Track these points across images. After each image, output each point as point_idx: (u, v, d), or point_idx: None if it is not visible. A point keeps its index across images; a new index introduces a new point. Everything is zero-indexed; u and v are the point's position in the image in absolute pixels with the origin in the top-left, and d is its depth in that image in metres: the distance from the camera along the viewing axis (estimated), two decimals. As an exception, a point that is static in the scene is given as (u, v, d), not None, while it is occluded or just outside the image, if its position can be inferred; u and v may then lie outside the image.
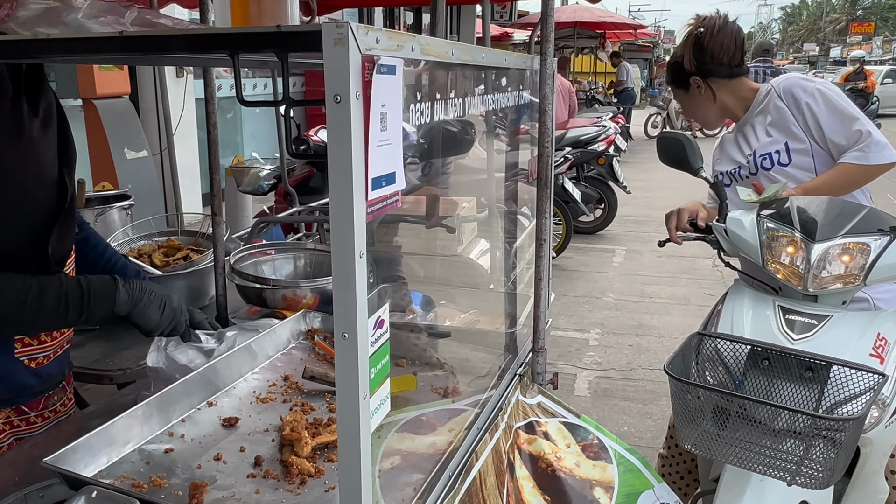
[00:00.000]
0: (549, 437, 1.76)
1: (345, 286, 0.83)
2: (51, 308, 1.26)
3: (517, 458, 1.65)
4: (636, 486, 1.79)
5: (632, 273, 6.18)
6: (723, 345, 2.08)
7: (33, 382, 1.42)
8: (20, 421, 1.42)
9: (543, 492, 1.63)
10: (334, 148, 0.79)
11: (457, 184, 3.06)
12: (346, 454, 0.88)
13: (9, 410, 1.39)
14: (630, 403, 3.78)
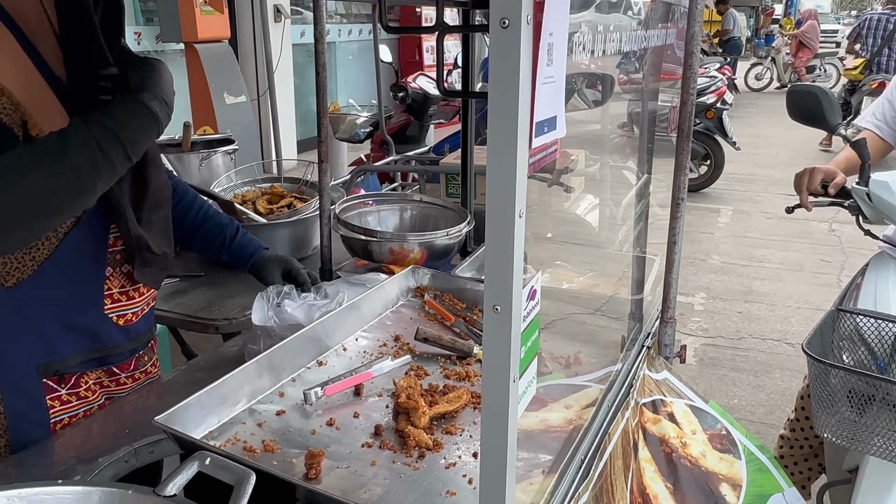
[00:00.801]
0: (675, 420, 1.61)
1: (501, 250, 0.70)
2: (85, 161, 1.06)
3: (640, 437, 1.51)
4: (766, 488, 1.63)
5: (739, 235, 5.83)
6: (864, 322, 1.87)
7: (123, 340, 1.35)
8: (110, 381, 1.37)
9: (664, 478, 1.50)
10: (497, 83, 0.65)
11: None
12: (490, 443, 0.76)
13: (100, 371, 1.33)
14: (740, 374, 3.56)
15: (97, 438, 1.24)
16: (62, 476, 1.13)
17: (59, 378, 1.27)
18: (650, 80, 1.62)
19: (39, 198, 1.06)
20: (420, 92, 4.86)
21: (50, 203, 1.07)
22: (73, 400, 1.30)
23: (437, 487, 1.07)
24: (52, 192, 1.06)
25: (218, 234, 1.62)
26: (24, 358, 1.23)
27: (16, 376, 1.23)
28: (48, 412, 1.26)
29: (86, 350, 1.29)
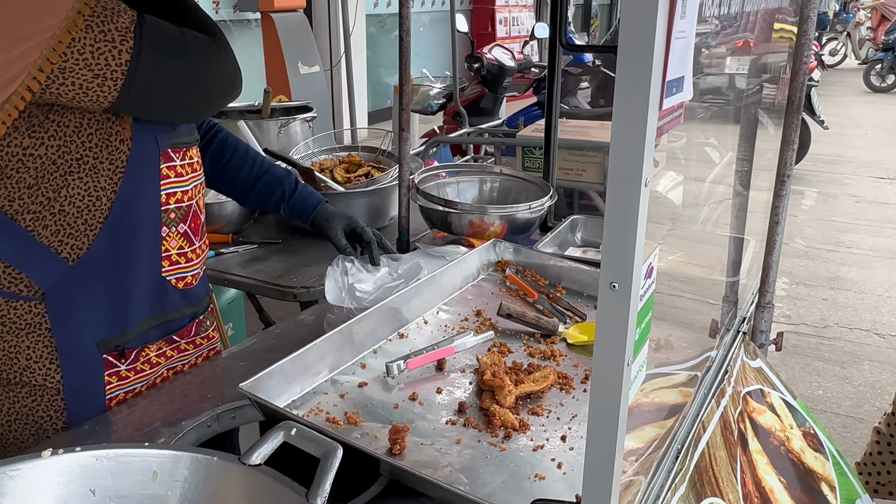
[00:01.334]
0: (775, 412, 1.52)
1: (623, 222, 0.63)
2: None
3: (748, 428, 1.42)
4: (851, 493, 1.53)
5: (825, 218, 5.56)
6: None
7: (183, 304, 1.31)
8: (172, 350, 1.33)
9: (777, 472, 1.41)
10: (629, 37, 0.59)
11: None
12: (598, 430, 0.71)
13: (161, 342, 1.30)
14: (825, 364, 3.39)
15: (180, 402, 1.23)
16: (147, 438, 1.13)
17: (119, 353, 1.24)
18: (758, 48, 1.51)
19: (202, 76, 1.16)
20: (496, 63, 4.76)
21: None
22: (131, 375, 1.26)
23: (524, 470, 1.02)
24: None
25: (276, 188, 1.57)
26: (85, 335, 1.19)
27: (76, 355, 1.19)
28: (104, 388, 1.23)
29: (147, 318, 1.25)
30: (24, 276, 1.14)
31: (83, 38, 1.02)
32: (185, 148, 1.27)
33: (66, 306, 1.17)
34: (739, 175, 1.57)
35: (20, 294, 1.15)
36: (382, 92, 8.92)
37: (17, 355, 1.18)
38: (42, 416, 1.21)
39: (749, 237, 1.75)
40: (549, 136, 2.13)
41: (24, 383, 1.19)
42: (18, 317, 1.16)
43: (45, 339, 1.17)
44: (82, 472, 0.92)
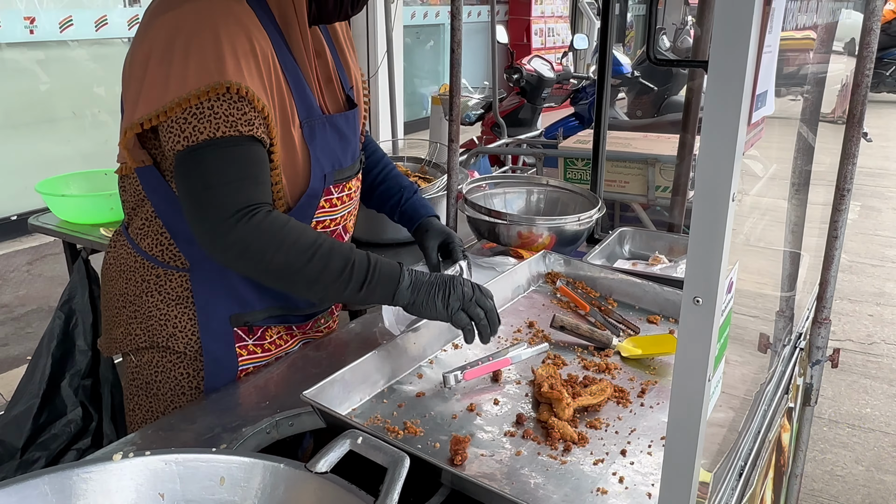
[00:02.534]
0: (791, 432, 1.50)
1: (709, 237, 0.63)
2: (335, 270, 1.18)
3: (775, 443, 1.41)
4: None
5: (868, 233, 5.45)
6: None
7: (304, 305, 1.41)
8: (288, 336, 1.44)
9: (773, 489, 1.39)
10: (721, 51, 0.59)
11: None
12: (677, 446, 0.70)
13: (280, 327, 1.41)
14: (872, 382, 3.32)
15: (239, 408, 1.25)
16: (209, 444, 1.15)
17: (248, 329, 1.36)
18: (816, 60, 1.49)
19: (289, 273, 1.19)
20: (534, 74, 4.76)
21: (288, 279, 1.21)
22: (259, 351, 1.38)
23: (586, 484, 1.02)
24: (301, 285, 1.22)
25: (396, 193, 1.61)
26: (220, 308, 1.32)
27: (213, 323, 1.32)
28: (237, 359, 1.35)
29: (270, 307, 1.37)
30: (179, 251, 1.30)
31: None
32: (346, 181, 1.38)
33: (206, 280, 1.31)
34: (796, 188, 1.55)
35: (175, 267, 1.31)
36: (418, 102, 8.97)
37: (167, 322, 1.32)
38: (182, 380, 1.35)
39: (804, 252, 1.73)
40: (597, 148, 2.12)
41: (170, 349, 1.33)
42: (171, 288, 1.32)
43: (189, 311, 1.32)
44: (152, 475, 0.94)
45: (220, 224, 1.13)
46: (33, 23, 4.81)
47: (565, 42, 9.92)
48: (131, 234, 1.35)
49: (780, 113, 1.79)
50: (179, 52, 1.13)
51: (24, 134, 5.03)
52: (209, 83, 1.11)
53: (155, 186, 1.28)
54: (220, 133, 1.13)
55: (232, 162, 1.15)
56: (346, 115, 1.37)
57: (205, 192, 1.14)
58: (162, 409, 1.36)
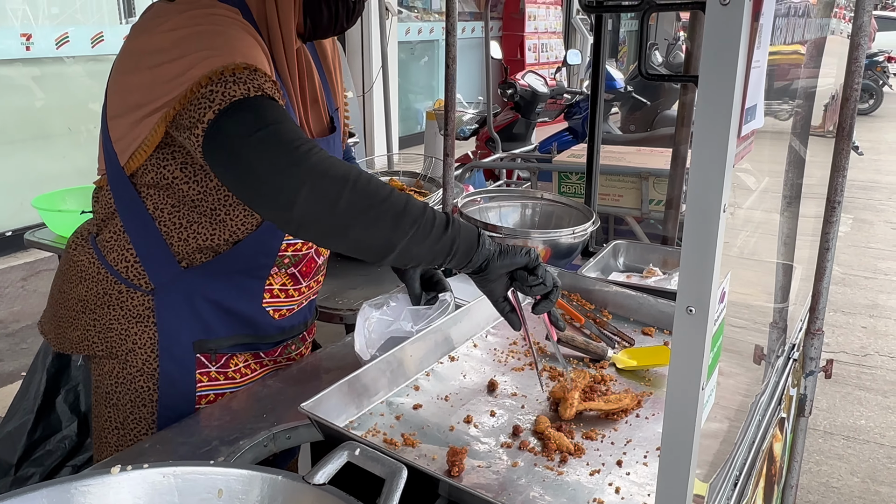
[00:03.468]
0: (783, 442, 1.50)
1: (701, 247, 0.64)
2: (418, 206, 1.04)
3: (767, 453, 1.42)
4: None
5: (861, 245, 5.49)
6: None
7: (274, 332, 1.40)
8: (256, 365, 1.41)
9: (764, 499, 1.40)
10: (710, 66, 0.60)
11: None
12: (671, 454, 0.71)
13: (247, 354, 1.38)
14: (866, 394, 3.34)
15: (236, 421, 1.25)
16: (206, 456, 1.15)
17: (211, 356, 1.34)
18: (806, 74, 1.52)
19: (369, 205, 1.04)
20: (528, 89, 4.80)
21: (369, 214, 1.04)
22: (221, 379, 1.35)
23: (582, 495, 1.02)
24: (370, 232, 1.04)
25: None
26: (183, 332, 1.31)
27: (174, 346, 1.30)
28: (196, 385, 1.33)
29: (238, 335, 1.35)
30: (144, 270, 1.28)
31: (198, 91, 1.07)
32: None
33: (170, 304, 1.29)
34: (787, 201, 1.57)
35: (138, 286, 1.29)
36: (412, 117, 9.02)
37: (126, 338, 1.31)
38: (140, 395, 1.33)
39: (796, 264, 1.74)
40: (591, 161, 2.14)
41: (127, 363, 1.32)
42: (133, 306, 1.29)
43: (150, 331, 1.30)
44: (150, 488, 0.94)
45: (290, 153, 1.01)
46: (29, 39, 4.82)
47: (559, 57, 10.00)
48: (99, 244, 1.32)
49: (772, 127, 1.81)
50: (193, 45, 1.09)
51: (20, 150, 5.03)
52: (228, 62, 1.06)
53: (126, 201, 1.25)
54: (251, 93, 1.05)
55: (271, 110, 1.06)
56: (328, 140, 1.35)
57: (260, 133, 1.02)
58: (121, 419, 1.34)
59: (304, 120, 1.30)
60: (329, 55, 1.43)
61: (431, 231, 1.04)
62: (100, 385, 1.37)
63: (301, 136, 1.04)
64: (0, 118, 4.88)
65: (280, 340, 1.42)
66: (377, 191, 1.03)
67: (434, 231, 1.05)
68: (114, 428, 1.36)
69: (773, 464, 1.40)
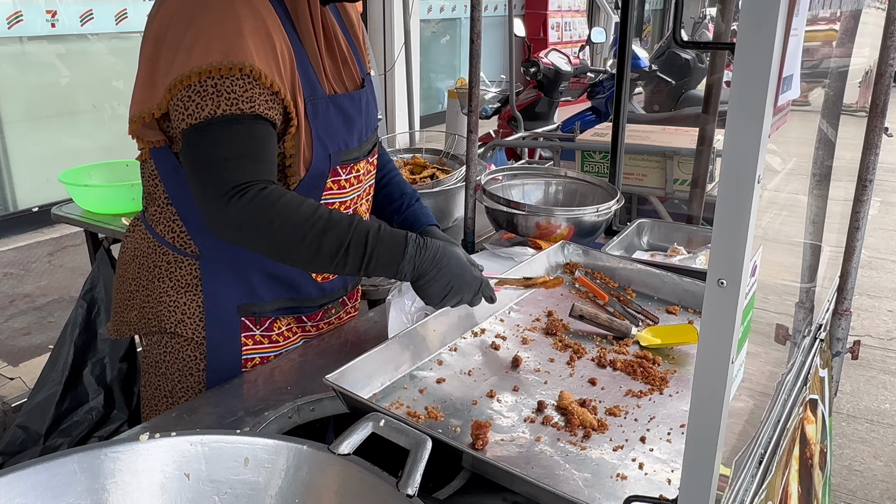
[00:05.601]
0: (817, 424, 1.49)
1: (734, 219, 0.63)
2: (328, 252, 1.15)
3: (798, 434, 1.40)
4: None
5: (889, 228, 5.40)
6: None
7: (316, 295, 1.41)
8: (298, 328, 1.44)
9: (800, 481, 1.39)
10: (748, 32, 0.59)
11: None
12: (699, 429, 0.70)
13: (290, 318, 1.41)
14: (891, 378, 3.30)
15: (261, 392, 1.26)
16: (231, 426, 1.16)
17: (255, 319, 1.36)
18: (840, 50, 1.48)
19: (283, 251, 1.18)
20: (552, 68, 4.75)
21: (285, 258, 1.19)
22: (265, 342, 1.38)
23: (606, 470, 1.02)
24: (292, 254, 1.18)
25: (397, 198, 1.60)
26: (228, 296, 1.33)
27: (220, 311, 1.33)
28: (241, 348, 1.36)
29: (282, 298, 1.37)
30: (190, 238, 1.31)
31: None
32: (354, 163, 1.36)
33: (216, 269, 1.32)
34: (817, 179, 1.55)
35: (186, 253, 1.32)
36: (434, 96, 8.97)
37: (176, 309, 1.34)
38: (184, 369, 1.37)
39: (824, 244, 1.72)
40: (615, 140, 2.12)
41: (177, 335, 1.35)
42: (182, 275, 1.33)
43: (197, 298, 1.33)
44: (178, 456, 0.95)
45: (216, 201, 1.13)
46: (54, 16, 4.85)
47: (582, 36, 9.88)
48: (147, 218, 1.37)
49: (801, 106, 1.78)
50: (186, 33, 1.13)
51: (45, 126, 5.08)
52: (213, 62, 1.11)
53: (169, 169, 1.29)
54: (220, 111, 1.12)
55: (230, 139, 1.14)
56: (352, 96, 1.35)
57: (204, 170, 1.14)
58: (170, 388, 1.39)
59: (326, 79, 1.30)
60: (355, 24, 1.45)
61: (345, 266, 1.18)
62: (149, 355, 1.40)
63: (237, 179, 1.13)
64: (26, 95, 4.93)
65: (321, 304, 1.45)
66: (293, 235, 1.14)
67: (348, 270, 1.18)
68: (163, 396, 1.39)
69: (806, 446, 1.39)
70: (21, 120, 4.95)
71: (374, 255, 1.17)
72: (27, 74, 4.90)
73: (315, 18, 1.27)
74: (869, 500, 2.58)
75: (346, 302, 1.54)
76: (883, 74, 1.35)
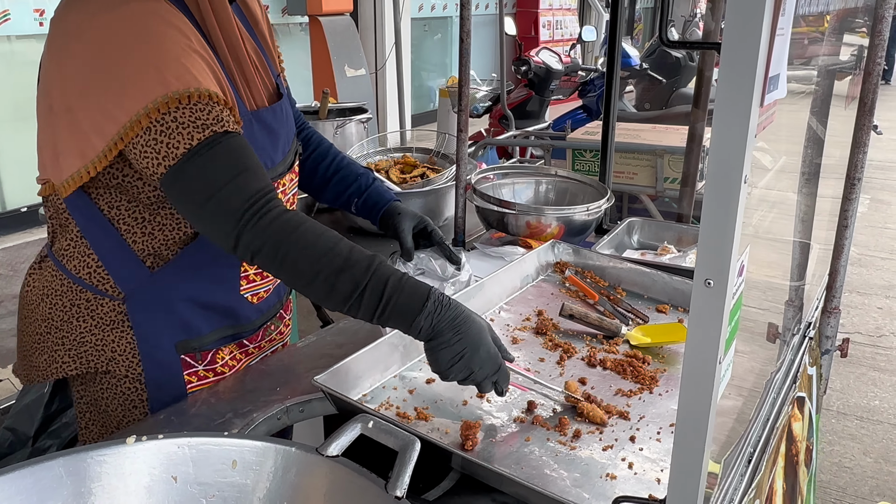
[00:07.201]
0: (803, 421, 1.49)
1: (721, 218, 0.63)
2: (341, 294, 1.04)
3: (785, 431, 1.41)
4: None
5: (878, 226, 5.43)
6: None
7: (255, 317, 1.34)
8: (241, 354, 1.35)
9: (785, 478, 1.39)
10: (734, 31, 0.59)
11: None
12: (686, 429, 0.70)
13: (232, 346, 1.32)
14: (880, 374, 3.31)
15: (250, 394, 1.26)
16: (220, 429, 1.16)
17: (195, 355, 1.26)
18: (828, 48, 1.48)
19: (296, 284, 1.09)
20: (543, 66, 4.75)
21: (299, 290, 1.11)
22: (210, 375, 1.29)
23: (595, 469, 1.02)
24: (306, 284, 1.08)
25: (353, 182, 1.52)
26: (163, 335, 1.23)
27: (156, 352, 1.23)
28: (186, 387, 1.26)
29: (220, 328, 1.28)
30: (109, 276, 1.19)
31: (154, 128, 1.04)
32: (279, 178, 1.28)
33: (145, 309, 1.21)
34: (806, 177, 1.55)
35: (105, 292, 1.20)
36: (425, 95, 8.97)
37: (104, 347, 1.22)
38: (126, 405, 1.25)
39: (813, 242, 1.72)
40: (605, 138, 2.12)
41: (110, 373, 1.24)
42: (104, 313, 1.21)
43: (127, 336, 1.22)
44: (165, 459, 0.94)
45: (232, 230, 1.04)
46: (42, 15, 4.82)
47: (573, 34, 9.89)
48: (56, 253, 1.24)
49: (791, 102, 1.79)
50: (113, 80, 1.03)
51: (33, 127, 5.04)
52: (157, 97, 1.02)
53: (80, 206, 1.17)
54: (195, 141, 1.03)
55: (219, 163, 1.05)
56: (273, 109, 1.26)
57: (208, 204, 1.05)
58: (115, 424, 1.27)
59: (246, 93, 1.21)
60: (259, 18, 1.33)
61: (359, 310, 1.06)
62: (83, 397, 1.28)
63: (245, 199, 1.04)
64: (14, 94, 4.89)
65: (260, 324, 1.36)
66: (308, 270, 1.05)
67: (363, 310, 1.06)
68: (108, 434, 1.28)
69: (792, 443, 1.39)
70: (9, 120, 4.92)
71: (391, 304, 1.05)
72: (15, 74, 4.87)
73: (225, 29, 1.15)
74: (859, 496, 2.60)
75: (283, 315, 1.45)
76: (871, 72, 1.35)
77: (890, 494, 2.58)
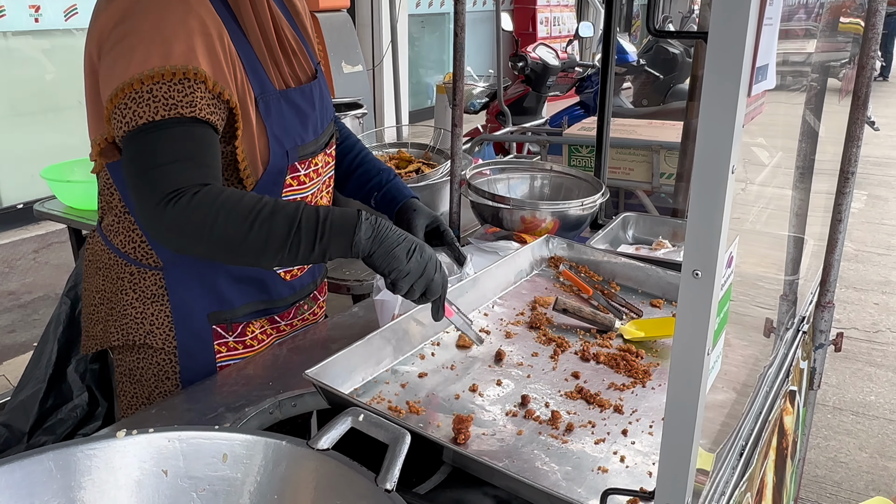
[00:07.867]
0: (794, 415, 1.50)
1: (708, 209, 0.63)
2: (280, 235, 1.09)
3: (777, 424, 1.41)
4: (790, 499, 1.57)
5: (875, 222, 5.43)
6: None
7: (287, 294, 1.39)
8: (272, 329, 1.41)
9: (776, 471, 1.39)
10: (720, 20, 0.58)
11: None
12: (675, 421, 0.70)
13: (263, 320, 1.39)
14: (877, 370, 3.32)
15: (242, 388, 1.26)
16: (211, 423, 1.15)
17: (227, 326, 1.34)
18: (821, 44, 1.48)
19: (231, 247, 1.12)
20: (540, 62, 4.74)
21: (235, 254, 1.14)
22: (240, 348, 1.36)
23: (587, 463, 1.02)
24: (242, 247, 1.12)
25: (374, 177, 1.56)
26: (197, 306, 1.30)
27: (189, 321, 1.30)
28: (215, 356, 1.33)
29: (252, 301, 1.35)
30: (151, 249, 1.28)
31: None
32: (311, 157, 1.34)
33: (181, 279, 1.29)
34: (801, 172, 1.55)
35: (148, 265, 1.29)
36: (423, 91, 8.96)
37: (143, 321, 1.31)
38: (160, 376, 1.34)
39: (807, 236, 1.72)
40: (601, 133, 2.12)
41: (147, 346, 1.32)
42: (146, 286, 1.30)
43: (165, 309, 1.30)
44: (155, 452, 0.94)
45: (153, 208, 1.08)
46: (38, 11, 4.81)
47: (570, 31, 9.88)
48: (104, 230, 1.33)
49: (786, 99, 1.78)
50: (123, 42, 1.11)
51: (30, 123, 5.04)
52: (153, 67, 1.08)
53: (122, 178, 1.23)
54: (158, 116, 1.09)
55: (167, 144, 1.10)
56: (303, 90, 1.32)
57: (141, 177, 1.10)
58: (146, 395, 1.35)
59: (276, 74, 1.27)
60: (301, 13, 1.41)
61: (299, 252, 1.11)
62: (121, 364, 1.37)
63: (173, 184, 1.08)
64: (10, 91, 4.88)
65: (293, 302, 1.42)
66: (239, 226, 1.09)
67: (302, 253, 1.11)
68: (140, 404, 1.37)
69: (784, 437, 1.40)
70: (5, 116, 4.91)
71: (328, 224, 1.11)
72: (10, 70, 4.86)
73: (259, 12, 1.23)
74: (854, 491, 2.60)
75: (318, 297, 1.51)
76: (864, 66, 1.35)
77: (885, 489, 2.59)
